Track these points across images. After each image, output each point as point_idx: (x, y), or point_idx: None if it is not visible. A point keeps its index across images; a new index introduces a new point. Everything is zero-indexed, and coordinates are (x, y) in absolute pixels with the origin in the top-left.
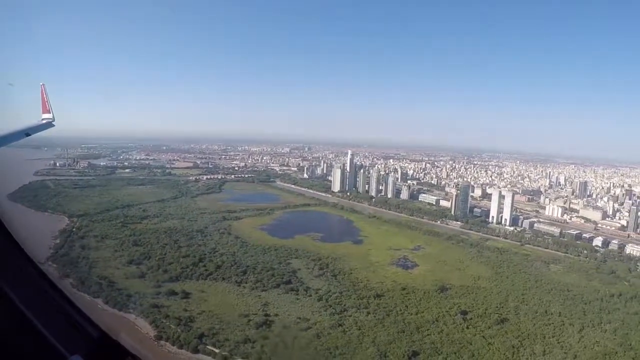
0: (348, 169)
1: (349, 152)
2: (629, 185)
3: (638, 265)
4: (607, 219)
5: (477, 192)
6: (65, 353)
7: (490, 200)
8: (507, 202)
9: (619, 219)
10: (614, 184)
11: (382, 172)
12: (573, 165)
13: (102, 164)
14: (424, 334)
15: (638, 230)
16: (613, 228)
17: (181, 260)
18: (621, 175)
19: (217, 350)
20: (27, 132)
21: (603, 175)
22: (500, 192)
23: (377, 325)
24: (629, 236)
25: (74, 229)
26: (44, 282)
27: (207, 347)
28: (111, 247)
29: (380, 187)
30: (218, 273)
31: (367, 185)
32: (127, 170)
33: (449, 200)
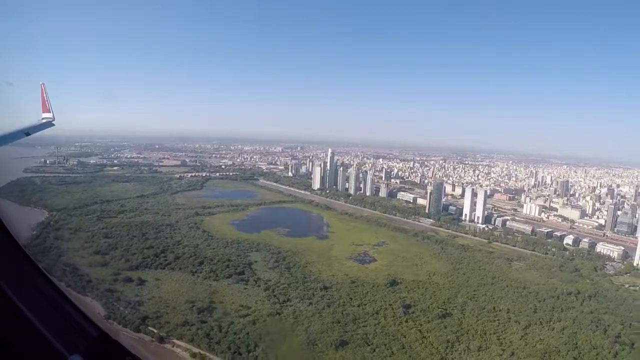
0: (328, 167)
1: (329, 150)
2: (617, 185)
3: (606, 264)
4: (585, 217)
5: (458, 191)
6: (65, 353)
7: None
8: (480, 200)
9: (598, 217)
10: (601, 184)
11: (366, 170)
12: (566, 166)
13: (92, 161)
14: (359, 325)
15: (615, 229)
16: (590, 227)
17: (144, 251)
18: (612, 175)
19: (155, 331)
20: (27, 132)
21: (594, 176)
22: (472, 190)
23: (315, 315)
24: (604, 235)
25: (51, 222)
26: (44, 282)
27: (148, 327)
28: (82, 238)
29: (360, 185)
30: (176, 263)
31: (346, 183)
32: (115, 167)
33: (426, 199)
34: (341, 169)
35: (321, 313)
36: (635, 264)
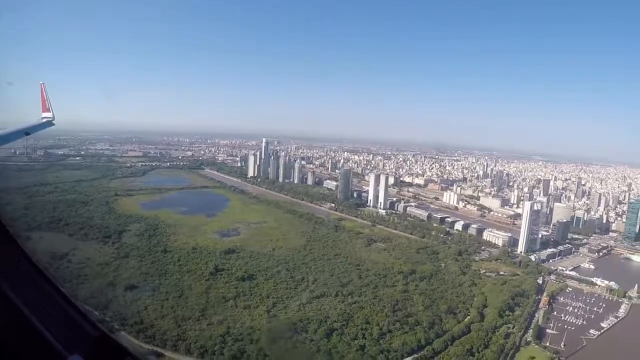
0: (263, 156)
1: (264, 139)
2: (579, 179)
3: (483, 249)
4: (506, 207)
5: (391, 180)
6: (64, 353)
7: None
8: (382, 186)
9: (518, 207)
10: (555, 177)
11: (295, 160)
12: (541, 162)
13: (59, 152)
14: (162, 278)
15: None
16: (504, 216)
17: (44, 219)
18: (583, 172)
19: None
20: (27, 132)
21: (561, 171)
22: (376, 176)
23: (134, 268)
24: (512, 223)
25: None
26: (43, 282)
27: None
28: (6, 210)
29: (290, 173)
30: (62, 228)
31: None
32: (77, 158)
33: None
34: (272, 158)
35: (141, 267)
36: (519, 251)
